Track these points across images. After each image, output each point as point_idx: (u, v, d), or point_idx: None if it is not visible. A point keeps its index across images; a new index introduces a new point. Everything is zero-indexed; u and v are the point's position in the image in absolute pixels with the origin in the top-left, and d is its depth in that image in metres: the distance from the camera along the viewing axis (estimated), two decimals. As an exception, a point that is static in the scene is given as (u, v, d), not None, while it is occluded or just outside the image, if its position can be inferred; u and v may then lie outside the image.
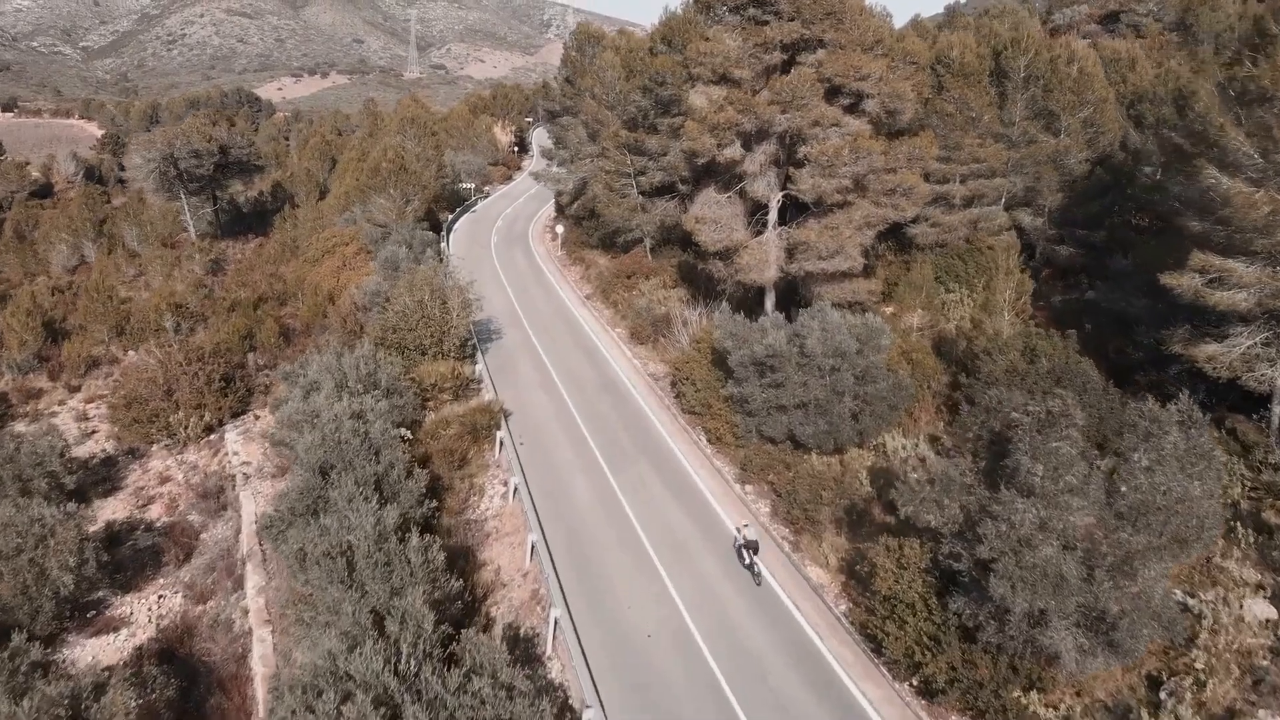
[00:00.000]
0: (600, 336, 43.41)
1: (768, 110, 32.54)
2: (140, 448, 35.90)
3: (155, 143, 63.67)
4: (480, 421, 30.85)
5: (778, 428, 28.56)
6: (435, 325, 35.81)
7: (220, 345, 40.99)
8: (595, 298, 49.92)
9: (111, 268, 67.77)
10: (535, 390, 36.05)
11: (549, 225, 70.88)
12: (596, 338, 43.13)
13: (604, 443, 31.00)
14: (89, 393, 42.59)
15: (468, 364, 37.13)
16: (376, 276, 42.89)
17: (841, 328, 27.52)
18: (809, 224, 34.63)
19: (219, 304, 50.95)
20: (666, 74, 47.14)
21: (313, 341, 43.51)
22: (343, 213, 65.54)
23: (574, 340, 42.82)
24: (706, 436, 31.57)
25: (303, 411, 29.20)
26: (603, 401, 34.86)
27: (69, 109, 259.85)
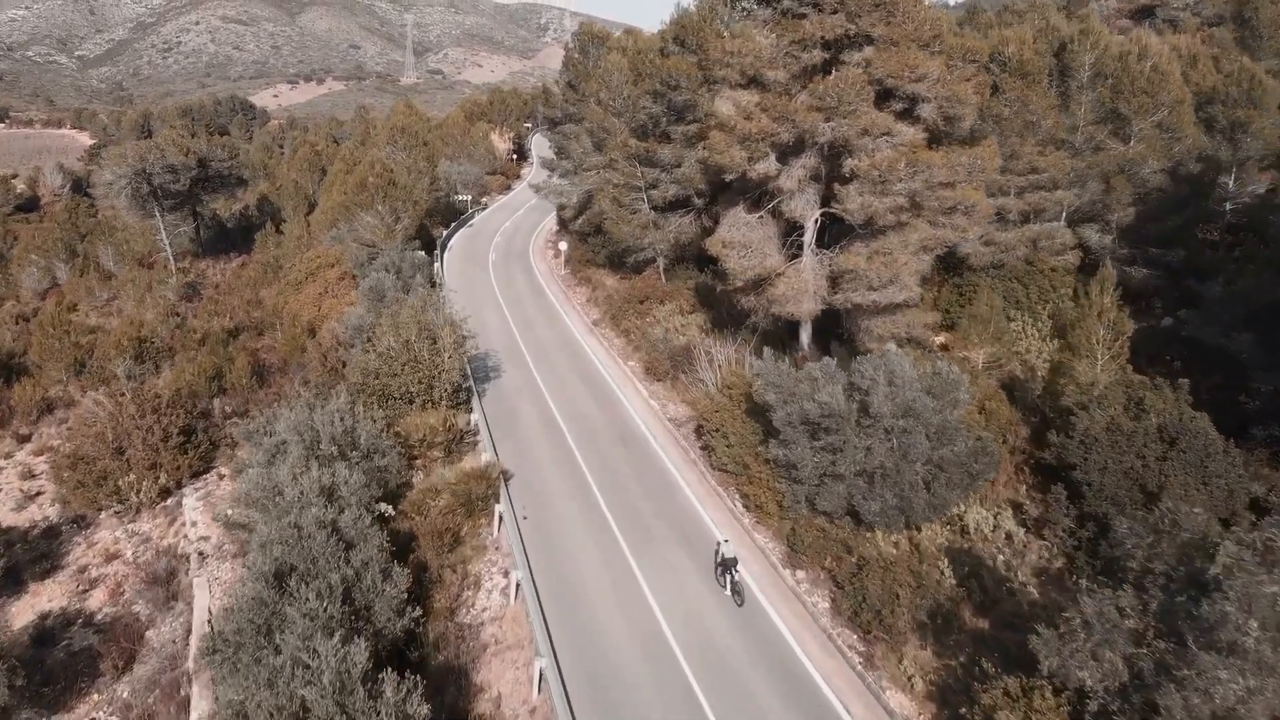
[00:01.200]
0: (611, 371, 38.64)
1: (809, 118, 27.81)
2: (87, 515, 31.16)
3: (126, 157, 58.92)
4: (476, 491, 26.05)
5: (833, 499, 23.76)
6: (424, 369, 31.06)
7: (183, 390, 36.23)
8: (604, 324, 45.14)
9: (83, 291, 63.10)
10: (540, 443, 31.28)
11: (551, 240, 66.14)
12: (607, 373, 38.36)
13: (623, 514, 26.21)
14: (40, 443, 37.85)
15: (461, 411, 32.35)
16: (360, 308, 38.13)
17: (914, 382, 22.70)
18: (854, 248, 29.89)
19: (189, 336, 46.19)
20: (680, 77, 42.46)
21: (290, 381, 38.76)
22: (329, 230, 60.88)
23: (582, 376, 38.05)
24: (743, 502, 26.80)
25: (264, 486, 24.44)
26: (618, 456, 30.09)
27: (61, 119, 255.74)
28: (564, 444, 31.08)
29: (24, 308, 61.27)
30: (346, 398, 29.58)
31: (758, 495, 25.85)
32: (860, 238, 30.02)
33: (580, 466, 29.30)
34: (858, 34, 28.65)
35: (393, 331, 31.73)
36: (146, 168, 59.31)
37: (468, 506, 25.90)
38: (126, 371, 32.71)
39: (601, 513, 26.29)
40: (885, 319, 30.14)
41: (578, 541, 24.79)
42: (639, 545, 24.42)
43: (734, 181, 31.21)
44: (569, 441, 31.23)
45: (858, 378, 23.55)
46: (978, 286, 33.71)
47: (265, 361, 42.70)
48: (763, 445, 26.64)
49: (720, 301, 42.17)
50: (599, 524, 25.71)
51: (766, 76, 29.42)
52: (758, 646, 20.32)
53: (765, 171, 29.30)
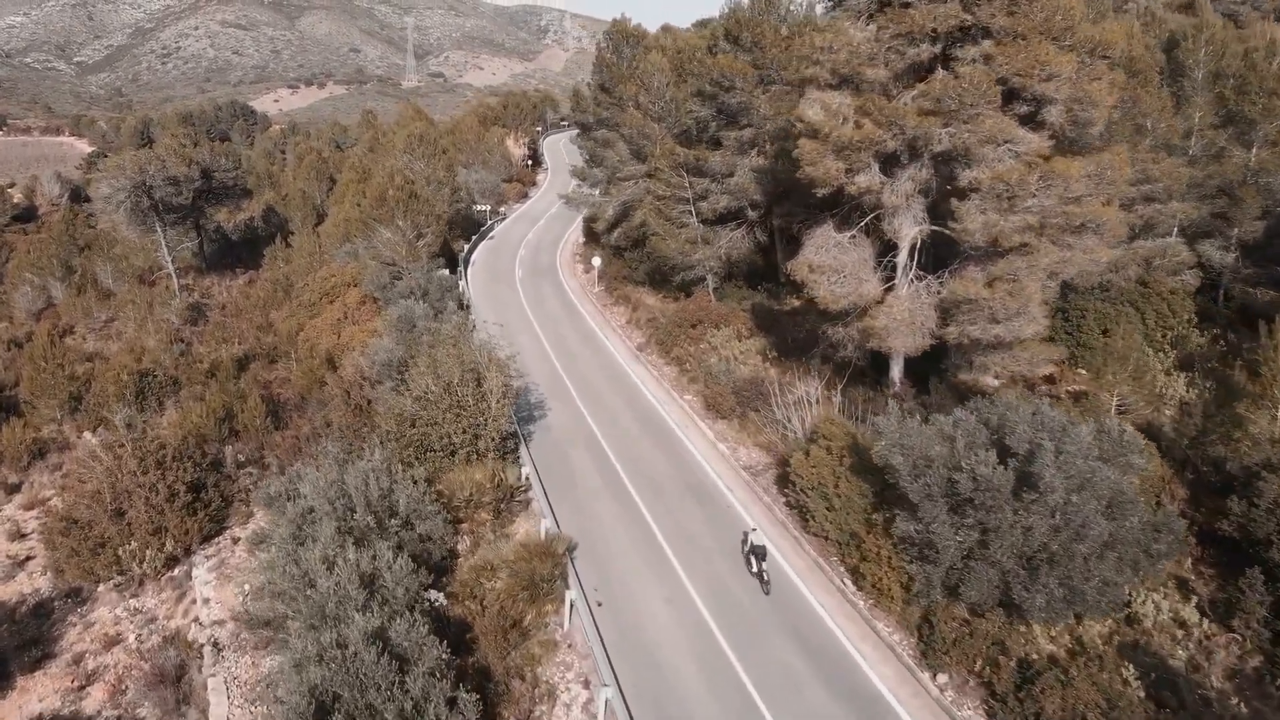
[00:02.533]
0: (667, 407, 34.54)
1: (922, 124, 23.66)
2: (84, 587, 27.09)
3: (125, 169, 54.84)
4: (540, 571, 21.93)
5: (982, 587, 19.62)
6: (468, 417, 26.95)
7: (190, 435, 32.18)
8: (650, 349, 41.01)
9: (79, 312, 59.10)
10: (600, 501, 27.17)
11: (578, 253, 62.04)
12: (663, 409, 34.26)
13: (714, 597, 22.13)
14: (31, 494, 33.78)
15: (509, 462, 28.27)
16: (388, 339, 34.03)
17: (1091, 449, 18.57)
18: (968, 273, 25.75)
19: (195, 367, 42.09)
20: (735, 77, 38.37)
21: (308, 420, 34.67)
22: (342, 245, 56.81)
23: (636, 413, 33.95)
24: (853, 580, 22.69)
25: (291, 574, 20.34)
26: (694, 517, 25.98)
27: (59, 126, 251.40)
28: (628, 501, 26.98)
29: (17, 331, 57.18)
30: (381, 453, 25.53)
31: (876, 575, 21.72)
32: (974, 261, 25.92)
33: (652, 531, 25.19)
34: (974, 25, 24.57)
35: (431, 372, 27.62)
36: (147, 180, 55.17)
37: (531, 591, 21.80)
38: (126, 420, 28.62)
39: (688, 595, 22.20)
40: (1004, 354, 26.04)
41: (668, 637, 20.67)
42: (743, 646, 20.30)
43: (820, 195, 27.01)
44: (634, 498, 27.12)
45: (1013, 439, 19.43)
46: (1109, 315, 29.58)
47: (279, 397, 38.58)
48: (876, 512, 22.60)
49: (783, 325, 38.14)
50: (687, 610, 21.62)
51: (865, 75, 25.36)
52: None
53: (867, 185, 25.20)
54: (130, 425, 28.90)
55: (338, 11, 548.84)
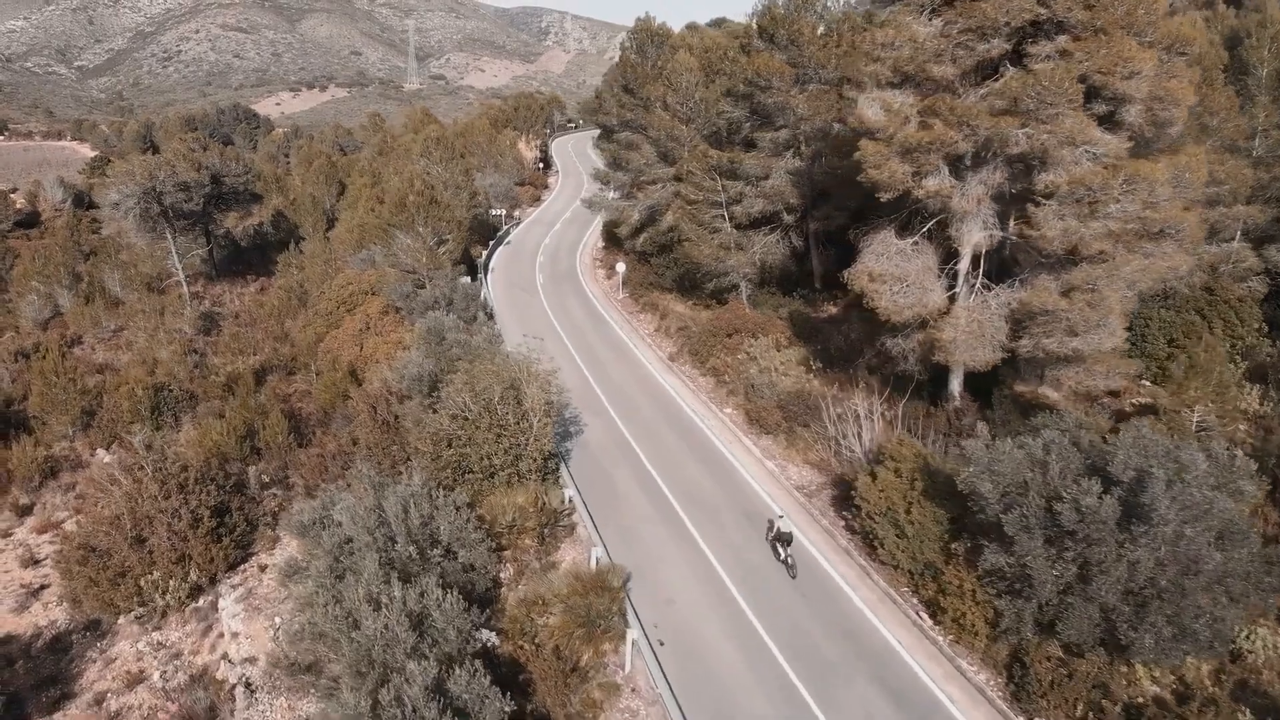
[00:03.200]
0: (708, 421, 33.05)
1: (998, 124, 22.14)
2: (103, 619, 25.60)
3: (134, 174, 53.37)
4: (597, 607, 20.43)
5: (1081, 625, 18.13)
6: (510, 437, 25.46)
7: (211, 454, 30.75)
8: (683, 359, 39.52)
9: (88, 322, 57.61)
10: (650, 524, 25.68)
11: (598, 257, 60.58)
12: (704, 423, 32.78)
13: (787, 638, 20.61)
14: (44, 517, 32.30)
15: (551, 484, 26.80)
16: (417, 352, 32.54)
17: (1207, 477, 17.07)
18: (1040, 282, 24.22)
19: (211, 380, 40.63)
20: (772, 76, 36.86)
21: (333, 438, 33.19)
22: (357, 251, 55.35)
23: (676, 428, 32.47)
24: (929, 613, 21.21)
25: (333, 614, 18.84)
26: (752, 546, 24.47)
27: (61, 130, 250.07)
28: (679, 526, 25.48)
29: (24, 341, 55.60)
30: (420, 477, 24.06)
31: (959, 609, 20.23)
32: (1046, 269, 24.43)
33: (709, 561, 23.70)
34: (1048, 20, 23.11)
35: (468, 389, 26.14)
36: (157, 186, 53.69)
37: (587, 628, 20.29)
38: (146, 441, 27.14)
39: (757, 634, 20.69)
40: (1079, 368, 24.57)
41: (740, 682, 19.16)
42: (823, 691, 18.81)
43: (883, 199, 25.52)
44: (685, 522, 25.63)
45: (1115, 466, 17.94)
46: (1174, 324, 28.07)
47: (300, 412, 37.11)
48: (956, 541, 21.13)
49: (824, 334, 36.67)
50: (758, 651, 20.12)
51: (931, 73, 23.88)
52: None
53: (936, 189, 23.73)
54: (150, 446, 27.40)
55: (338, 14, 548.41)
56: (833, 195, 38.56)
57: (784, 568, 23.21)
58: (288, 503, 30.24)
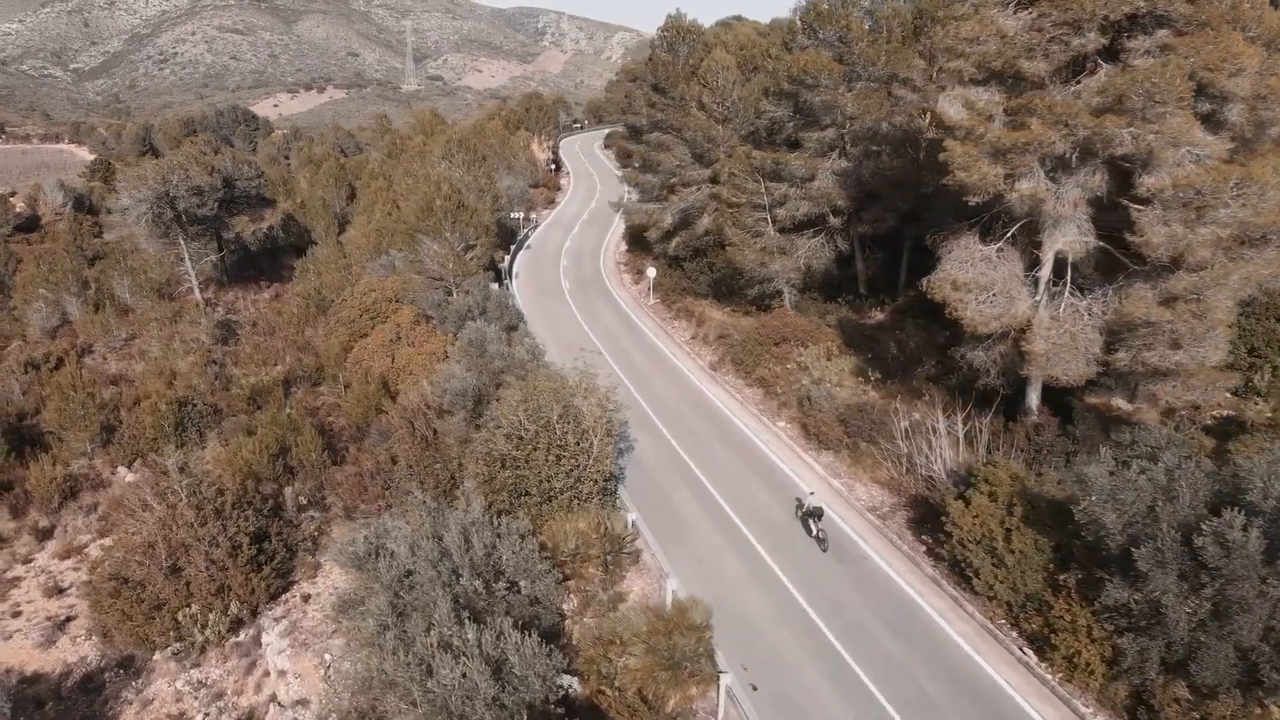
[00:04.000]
0: (762, 436, 31.52)
1: (1103, 124, 20.62)
2: (137, 655, 24.03)
3: (147, 179, 51.72)
4: (683, 647, 18.88)
5: (1217, 664, 16.60)
6: (570, 458, 23.91)
7: (242, 473, 29.19)
8: (725, 369, 38.00)
9: (99, 330, 55.92)
10: (721, 553, 24.15)
11: (621, 261, 59.06)
12: (758, 439, 31.25)
13: (888, 684, 19.08)
14: (65, 541, 30.71)
15: (610, 507, 25.26)
16: (458, 365, 30.98)
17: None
18: (1136, 291, 22.68)
19: (235, 393, 39.04)
20: (820, 73, 35.34)
21: (370, 455, 31.63)
22: (375, 256, 53.81)
23: (729, 444, 30.95)
24: (1034, 649, 19.70)
25: (402, 660, 17.28)
26: (834, 577, 22.91)
27: (58, 133, 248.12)
28: (753, 555, 23.94)
29: (33, 351, 53.97)
30: (479, 502, 22.53)
31: (1072, 646, 18.71)
32: (1141, 277, 22.89)
33: (791, 594, 22.16)
34: (1148, 13, 21.60)
35: (524, 407, 24.58)
36: (170, 190, 52.04)
37: (673, 670, 18.74)
38: (179, 463, 25.55)
39: (858, 679, 19.16)
40: (1175, 382, 23.03)
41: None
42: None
43: (971, 203, 23.98)
44: (759, 551, 24.08)
45: (1254, 494, 16.44)
46: (1272, 334, 26.59)
47: (331, 426, 35.58)
48: (1066, 572, 19.60)
49: (879, 343, 35.15)
50: (860, 698, 18.58)
51: (1022, 69, 22.38)
52: None
53: (1031, 192, 22.22)
54: (184, 468, 25.82)
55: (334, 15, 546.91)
56: (882, 197, 37.06)
57: (807, 534, 24.65)
58: (326, 526, 28.75)
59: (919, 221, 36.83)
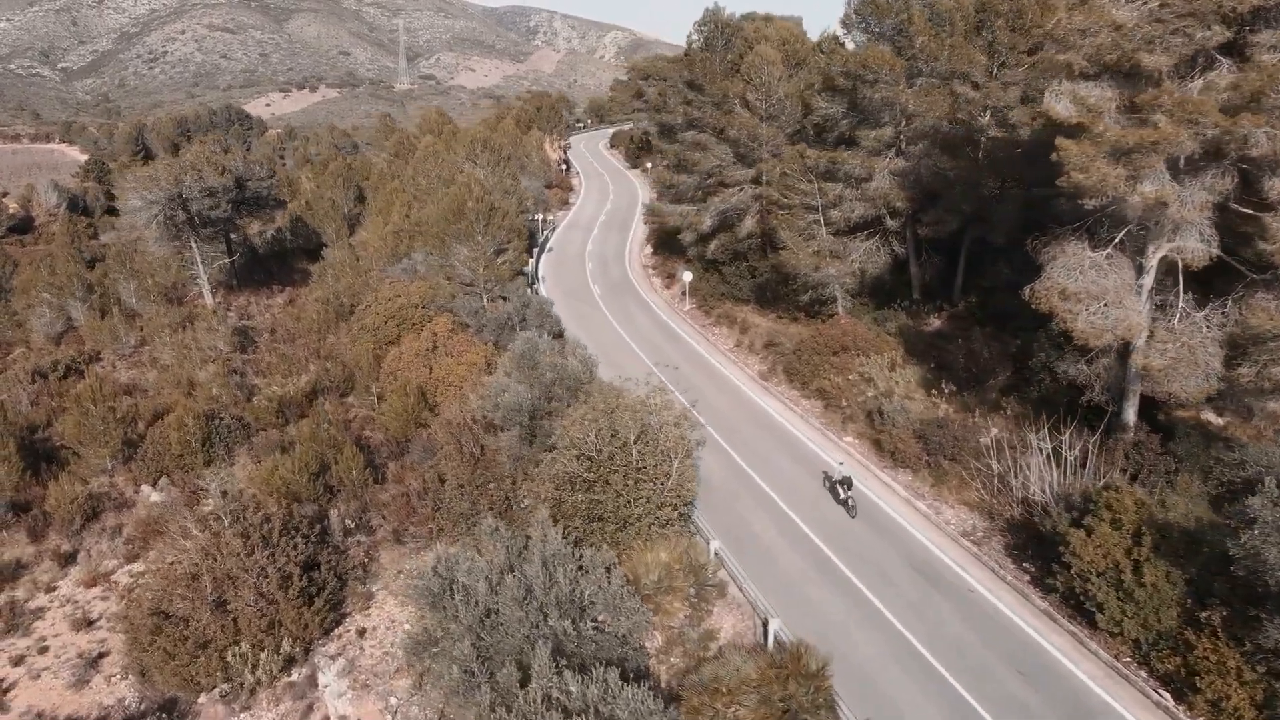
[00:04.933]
0: (832, 454, 29.77)
1: (1236, 124, 18.96)
2: (180, 698, 22.15)
3: (159, 180, 49.64)
4: (798, 699, 17.13)
5: None
6: (649, 482, 22.16)
7: (280, 494, 27.37)
8: (777, 378, 36.31)
9: (107, 337, 53.91)
10: (813, 586, 22.42)
11: (648, 264, 57.32)
12: (829, 457, 29.49)
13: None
14: (90, 567, 28.74)
15: (688, 533, 23.52)
16: (509, 378, 29.16)
17: None
18: (1259, 301, 21.05)
19: (261, 404, 37.12)
20: (881, 68, 33.69)
21: (413, 472, 29.83)
22: (393, 260, 51.90)
23: (797, 461, 29.25)
24: (1170, 691, 18.03)
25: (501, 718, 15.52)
26: (944, 614, 21.16)
27: (49, 133, 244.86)
28: (850, 589, 22.21)
29: (39, 358, 51.94)
30: (556, 531, 20.76)
31: (1217, 689, 17.06)
32: (1263, 287, 21.27)
33: (898, 630, 20.45)
34: (1274, 6, 19.99)
35: (595, 426, 22.83)
36: (183, 191, 50.03)
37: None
38: (221, 486, 23.67)
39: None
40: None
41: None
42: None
43: (1087, 206, 22.29)
44: (856, 585, 22.33)
45: None
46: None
47: (368, 441, 33.73)
48: (1208, 609, 17.94)
49: (946, 352, 33.50)
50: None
51: (1141, 63, 20.70)
52: None
53: (1155, 195, 20.53)
54: (226, 492, 23.95)
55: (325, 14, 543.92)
56: (943, 198, 35.40)
57: (834, 499, 25.93)
58: (374, 550, 26.94)
59: (985, 223, 35.28)
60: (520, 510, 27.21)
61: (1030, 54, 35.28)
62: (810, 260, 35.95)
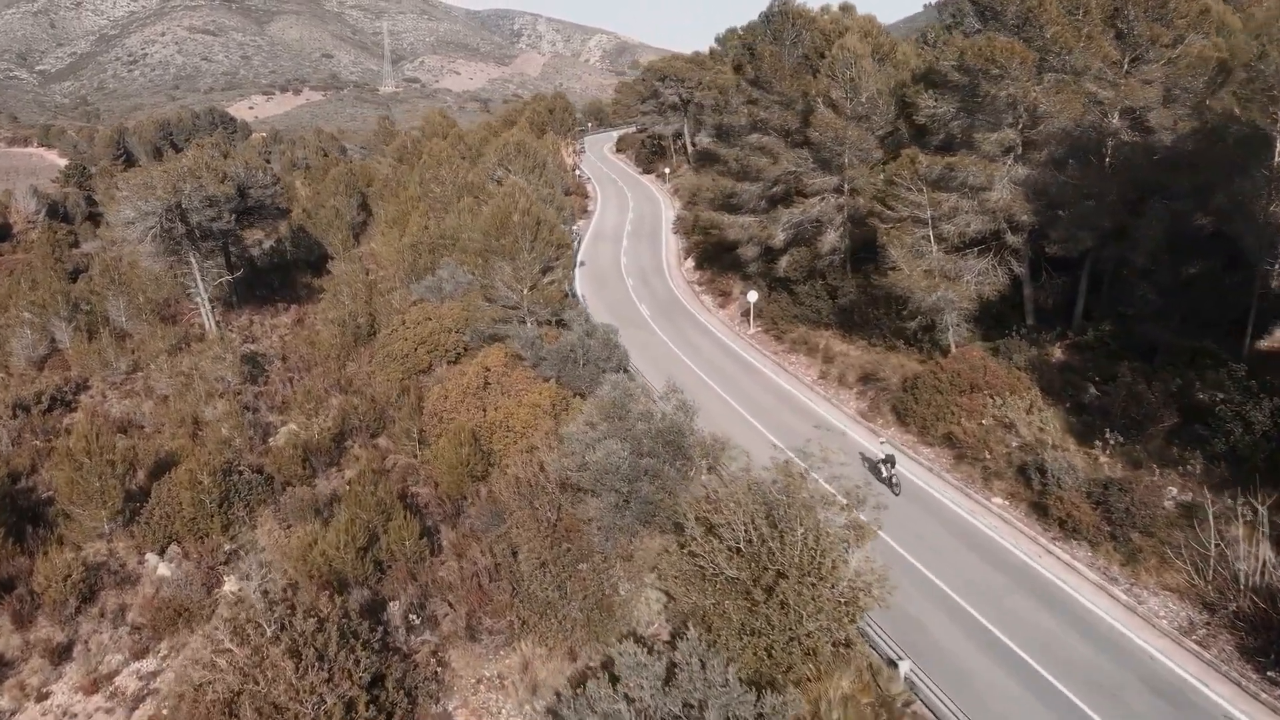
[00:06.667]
0: (984, 520, 24.97)
1: None
2: None
3: (154, 188, 44.20)
4: None
5: None
6: (826, 586, 17.14)
7: (323, 573, 22.25)
8: (881, 419, 31.46)
9: (95, 362, 48.36)
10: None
11: (693, 280, 52.38)
12: (981, 523, 24.76)
13: None
14: (90, 665, 23.42)
15: (860, 642, 18.54)
16: (594, 429, 24.10)
17: None
18: None
19: (284, 450, 31.84)
20: (1012, 61, 28.93)
21: (478, 544, 24.72)
22: (417, 276, 46.85)
23: (950, 530, 24.47)
24: None
25: None
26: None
27: (27, 136, 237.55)
28: (1073, 712, 17.28)
29: (21, 388, 46.29)
30: (718, 660, 15.70)
31: None
32: None
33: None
34: None
35: (746, 504, 17.82)
36: (182, 201, 44.62)
37: None
38: (262, 585, 18.54)
39: None
40: None
41: None
42: None
43: None
44: (1079, 706, 17.41)
45: None
46: None
47: (415, 498, 28.59)
48: None
49: (1076, 389, 28.71)
50: None
51: None
52: None
53: None
54: (267, 592, 18.78)
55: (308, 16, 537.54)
56: (1074, 210, 30.66)
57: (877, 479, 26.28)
58: (443, 651, 21.79)
59: (1125, 240, 30.57)
60: (620, 600, 22.30)
61: (1170, 46, 30.77)
62: (924, 282, 31.07)
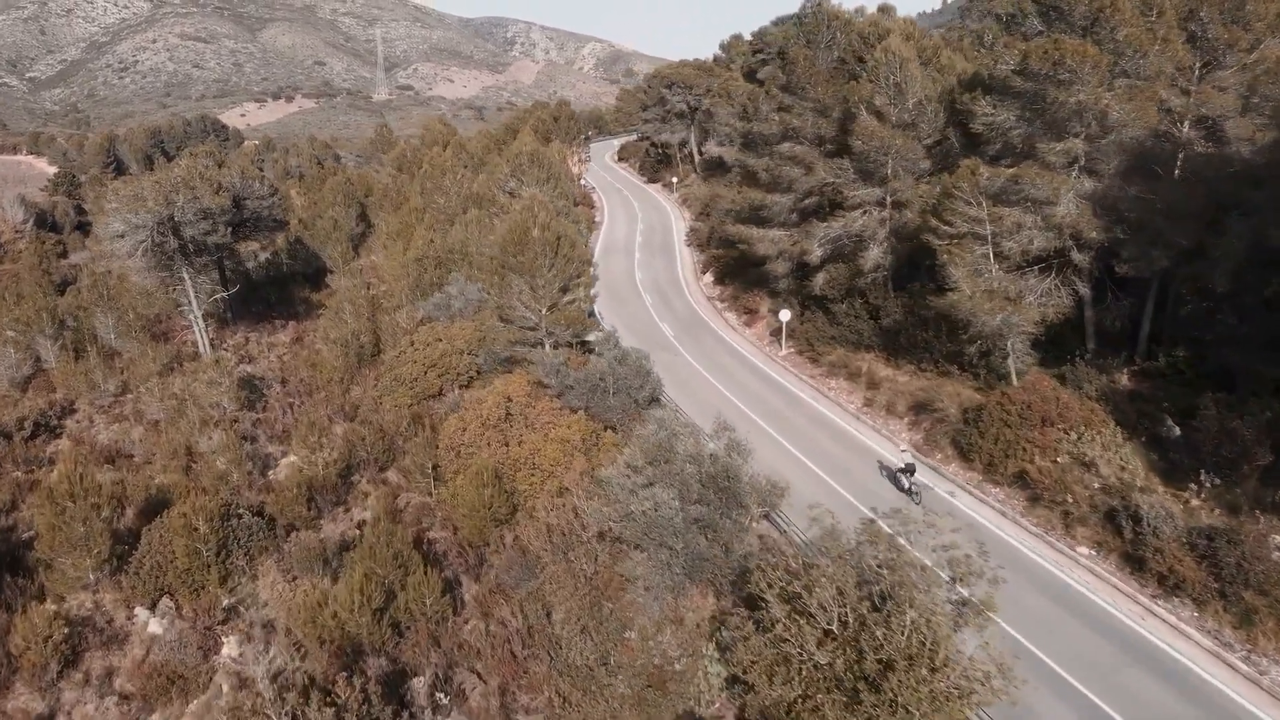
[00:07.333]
0: (1071, 573, 22.44)
1: None
2: None
3: (145, 200, 41.44)
4: None
5: None
6: (906, 667, 14.53)
7: (335, 637, 19.56)
8: (941, 453, 28.92)
9: (82, 383, 45.51)
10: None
11: (713, 296, 49.82)
12: (1068, 575, 22.28)
13: None
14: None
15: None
16: (638, 474, 21.46)
17: None
18: None
19: (286, 488, 29.09)
20: (1082, 64, 26.54)
21: (507, 602, 22.07)
22: (424, 293, 44.20)
23: (1033, 584, 21.81)
24: None
25: None
26: None
27: (16, 144, 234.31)
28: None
29: (2, 412, 43.39)
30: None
31: None
32: None
33: None
34: None
35: (830, 579, 15.22)
36: (175, 214, 41.87)
37: None
38: (272, 668, 15.88)
39: None
40: None
41: None
42: None
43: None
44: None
45: None
46: None
47: (431, 544, 25.90)
48: None
49: (1151, 421, 26.22)
50: None
51: None
52: None
53: None
54: (276, 677, 16.06)
55: (300, 23, 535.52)
56: (1146, 227, 28.21)
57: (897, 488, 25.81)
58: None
59: (1203, 260, 28.10)
60: (675, 673, 19.65)
61: (1248, 51, 28.46)
62: (988, 304, 28.55)
